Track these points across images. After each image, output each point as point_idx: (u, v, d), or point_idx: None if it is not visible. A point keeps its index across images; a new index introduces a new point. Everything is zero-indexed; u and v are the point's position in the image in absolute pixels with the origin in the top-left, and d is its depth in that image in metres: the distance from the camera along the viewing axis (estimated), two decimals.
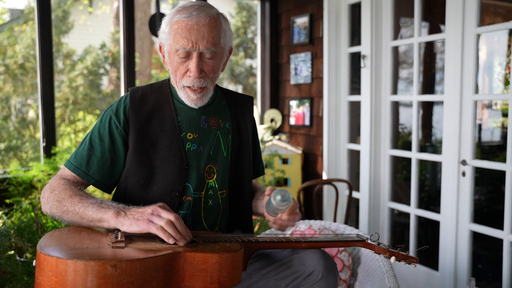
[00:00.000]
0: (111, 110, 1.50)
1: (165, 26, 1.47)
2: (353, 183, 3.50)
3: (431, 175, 3.97)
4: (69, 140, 7.33)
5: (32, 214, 2.72)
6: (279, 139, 3.97)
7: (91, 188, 2.73)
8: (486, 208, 3.71)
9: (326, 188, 3.54)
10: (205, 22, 1.41)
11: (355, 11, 3.39)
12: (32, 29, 7.85)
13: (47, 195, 1.40)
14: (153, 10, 6.95)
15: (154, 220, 1.24)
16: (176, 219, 1.25)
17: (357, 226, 3.42)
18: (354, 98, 3.37)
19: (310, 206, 3.71)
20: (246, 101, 1.69)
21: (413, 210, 3.00)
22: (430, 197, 3.94)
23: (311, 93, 3.74)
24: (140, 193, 1.46)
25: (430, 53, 4.19)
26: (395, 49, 3.21)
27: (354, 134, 3.53)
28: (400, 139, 4.08)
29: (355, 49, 3.32)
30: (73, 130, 7.59)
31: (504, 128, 3.84)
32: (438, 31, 3.84)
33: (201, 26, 1.40)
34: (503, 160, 2.62)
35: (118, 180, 1.52)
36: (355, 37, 3.42)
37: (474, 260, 2.74)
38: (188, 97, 1.49)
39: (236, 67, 9.81)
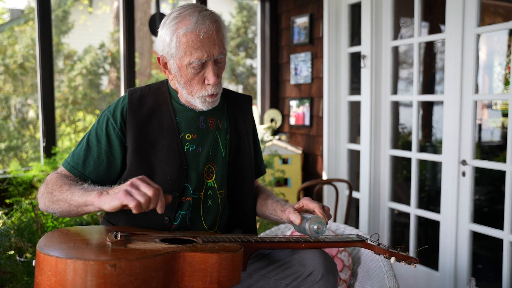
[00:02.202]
0: (108, 111, 1.50)
1: (168, 39, 1.41)
2: (353, 183, 3.49)
3: (431, 175, 3.97)
4: (69, 140, 7.34)
5: (32, 214, 2.72)
6: (279, 139, 3.97)
7: None
8: (486, 208, 3.71)
9: (326, 188, 3.54)
10: (214, 29, 1.40)
11: (355, 11, 3.39)
12: (32, 29, 7.85)
13: (42, 190, 1.42)
14: (153, 10, 6.96)
15: (133, 192, 1.20)
16: (154, 195, 1.21)
17: (357, 226, 3.42)
18: (354, 98, 3.37)
19: None
20: (245, 100, 1.69)
21: (413, 210, 3.00)
22: (430, 197, 3.94)
23: (311, 93, 3.74)
24: None
25: (430, 53, 4.19)
26: (395, 49, 3.21)
27: (354, 134, 3.53)
28: (400, 139, 4.08)
29: (355, 49, 3.32)
30: (73, 130, 7.60)
31: (504, 128, 3.84)
32: (438, 31, 3.84)
33: (211, 34, 1.39)
34: (503, 160, 2.62)
35: (115, 181, 1.52)
36: (355, 37, 3.42)
37: (474, 260, 2.74)
38: (204, 102, 1.48)
39: (236, 67, 9.81)
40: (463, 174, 2.65)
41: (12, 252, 2.47)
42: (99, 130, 1.49)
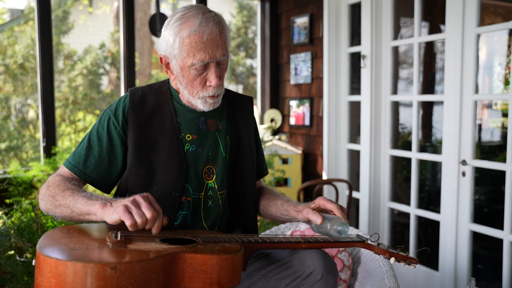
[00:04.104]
0: (110, 110, 1.51)
1: (171, 39, 1.41)
2: (353, 183, 3.49)
3: (431, 175, 3.97)
4: (69, 140, 7.33)
5: (32, 214, 2.72)
6: (279, 139, 3.97)
7: (91, 188, 2.73)
8: (486, 208, 3.71)
9: (326, 188, 3.54)
10: (217, 31, 1.40)
11: (355, 11, 3.39)
12: (32, 29, 7.84)
13: (43, 192, 1.42)
14: (153, 10, 6.95)
15: (132, 210, 1.19)
16: (152, 218, 1.20)
17: (357, 226, 3.42)
18: (354, 98, 3.37)
19: None
20: (246, 101, 1.69)
21: (413, 210, 3.00)
22: (430, 197, 3.94)
23: (311, 93, 3.74)
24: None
25: (430, 53, 4.19)
26: (395, 49, 3.21)
27: (354, 134, 3.53)
28: (400, 139, 4.08)
29: (355, 49, 3.32)
30: (73, 130, 7.59)
31: (504, 128, 3.84)
32: (438, 31, 3.84)
33: (214, 36, 1.39)
34: (503, 160, 2.62)
35: (115, 180, 1.52)
36: (355, 37, 3.42)
37: (474, 260, 2.74)
38: (205, 103, 1.48)
39: (236, 67, 9.81)
40: (463, 174, 2.65)
41: (12, 252, 2.47)
42: (100, 129, 1.49)
